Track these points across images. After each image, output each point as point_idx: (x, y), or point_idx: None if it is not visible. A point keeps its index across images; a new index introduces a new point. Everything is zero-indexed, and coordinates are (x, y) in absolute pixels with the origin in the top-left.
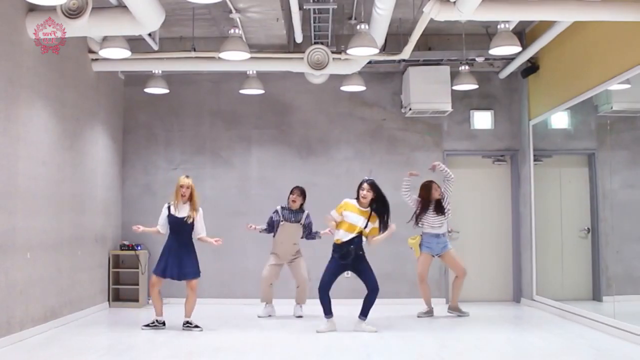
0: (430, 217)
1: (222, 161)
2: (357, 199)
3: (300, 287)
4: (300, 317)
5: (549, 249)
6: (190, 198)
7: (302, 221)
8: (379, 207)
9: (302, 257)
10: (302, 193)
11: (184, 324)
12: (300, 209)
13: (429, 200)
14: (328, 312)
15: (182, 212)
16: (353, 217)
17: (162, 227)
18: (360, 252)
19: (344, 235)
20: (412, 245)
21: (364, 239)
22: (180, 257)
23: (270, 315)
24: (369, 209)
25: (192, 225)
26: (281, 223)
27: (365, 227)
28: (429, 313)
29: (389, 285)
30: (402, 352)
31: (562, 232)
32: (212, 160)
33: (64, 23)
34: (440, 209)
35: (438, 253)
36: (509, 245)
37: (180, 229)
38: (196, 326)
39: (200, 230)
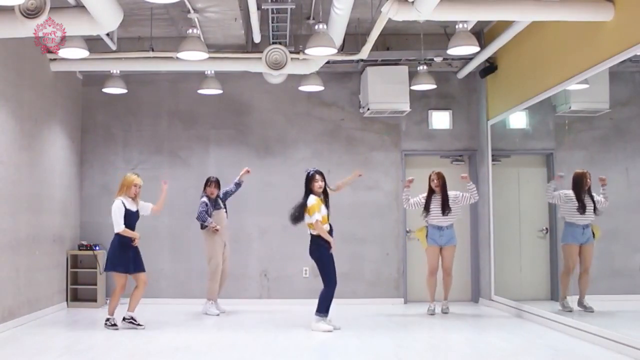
0: (434, 209)
1: (180, 161)
2: (312, 191)
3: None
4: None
5: (507, 249)
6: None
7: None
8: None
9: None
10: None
11: (127, 319)
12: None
13: (432, 190)
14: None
15: (133, 206)
16: (324, 209)
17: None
18: None
19: (326, 227)
20: (418, 237)
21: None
22: (136, 251)
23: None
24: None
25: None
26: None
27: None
28: (433, 311)
29: (346, 285)
30: (359, 352)
31: (521, 232)
32: (170, 160)
33: (22, 23)
34: (445, 206)
35: (442, 245)
36: (468, 245)
37: (135, 223)
38: (139, 324)
39: (148, 206)
